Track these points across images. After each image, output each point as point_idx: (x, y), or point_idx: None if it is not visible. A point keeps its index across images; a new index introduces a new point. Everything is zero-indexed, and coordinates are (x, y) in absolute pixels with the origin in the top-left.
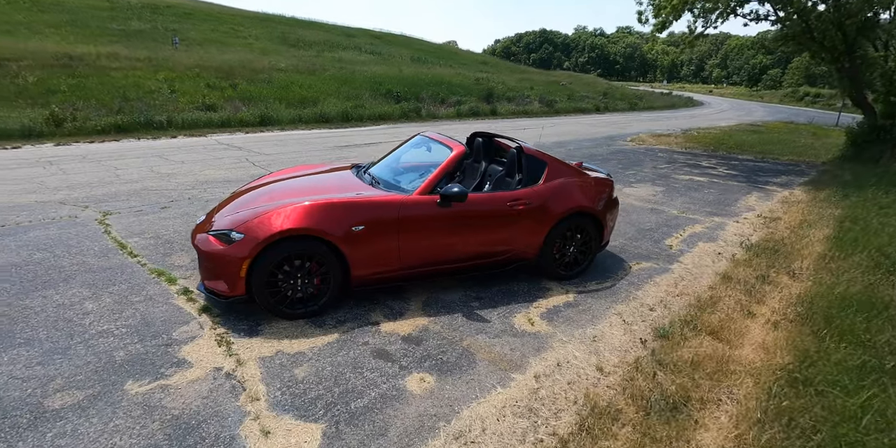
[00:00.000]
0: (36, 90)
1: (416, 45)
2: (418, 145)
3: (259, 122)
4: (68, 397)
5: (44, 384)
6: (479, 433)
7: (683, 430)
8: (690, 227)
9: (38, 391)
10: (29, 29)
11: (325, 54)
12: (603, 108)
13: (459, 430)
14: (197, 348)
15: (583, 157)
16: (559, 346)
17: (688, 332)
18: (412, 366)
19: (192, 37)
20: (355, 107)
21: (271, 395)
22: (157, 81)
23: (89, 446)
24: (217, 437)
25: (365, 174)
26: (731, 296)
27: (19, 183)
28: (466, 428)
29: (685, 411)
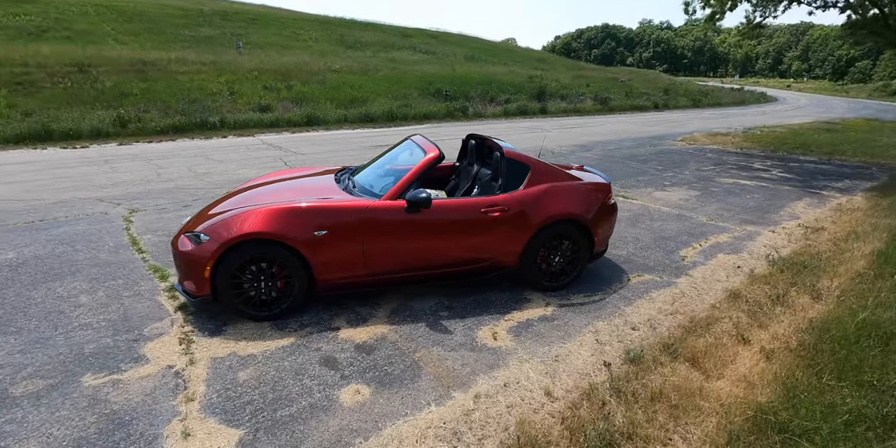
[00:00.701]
0: (111, 94)
1: (471, 43)
2: (404, 149)
3: (306, 122)
4: (31, 386)
5: (16, 372)
6: None
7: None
8: (715, 237)
9: (7, 378)
10: (115, 39)
11: (380, 55)
12: (662, 105)
13: None
14: (159, 345)
15: (620, 158)
16: (515, 365)
17: (664, 357)
18: (354, 376)
19: (256, 41)
20: (401, 106)
21: (207, 396)
22: (218, 84)
23: (29, 434)
24: (142, 435)
25: (349, 178)
26: (732, 317)
27: (72, 180)
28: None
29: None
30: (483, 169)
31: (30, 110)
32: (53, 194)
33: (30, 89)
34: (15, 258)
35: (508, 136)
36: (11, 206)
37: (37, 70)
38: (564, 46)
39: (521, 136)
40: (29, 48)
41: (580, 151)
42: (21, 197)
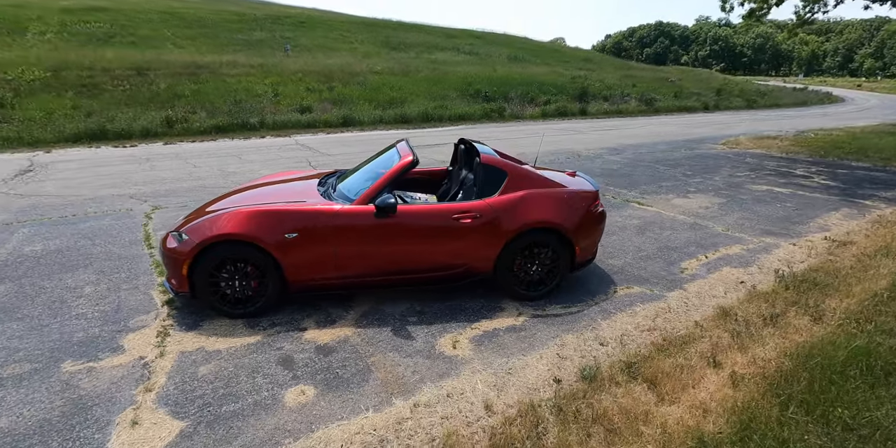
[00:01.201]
0: (165, 95)
1: (516, 43)
2: (389, 155)
3: (342, 123)
4: (18, 369)
5: (9, 355)
6: None
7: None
8: (726, 248)
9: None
10: (174, 43)
11: (423, 56)
12: (713, 106)
13: None
14: (138, 337)
15: (649, 162)
16: (466, 375)
17: (621, 376)
18: (305, 377)
19: (304, 43)
20: (438, 107)
21: (165, 388)
22: (264, 86)
23: (3, 412)
24: (96, 421)
25: (334, 182)
26: (713, 337)
27: (112, 178)
28: None
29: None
30: (469, 174)
31: (91, 111)
32: (91, 190)
33: (93, 91)
34: (40, 250)
35: (538, 138)
36: (53, 201)
37: (101, 73)
38: (615, 46)
39: (554, 138)
40: (96, 53)
41: (609, 154)
42: (63, 193)
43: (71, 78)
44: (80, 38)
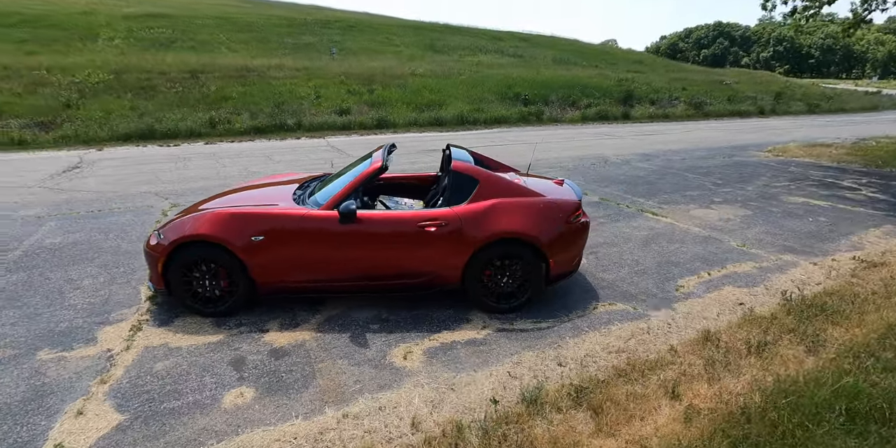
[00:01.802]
0: (214, 97)
1: (564, 45)
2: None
3: (376, 125)
4: (0, 354)
5: None
6: None
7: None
8: (735, 265)
9: None
10: (228, 48)
11: (466, 58)
12: (769, 110)
13: None
14: (113, 330)
15: (680, 170)
16: (407, 389)
17: (566, 401)
18: (250, 379)
19: (350, 47)
20: (475, 110)
21: (119, 381)
22: (307, 88)
23: None
24: (48, 408)
25: (316, 186)
26: (683, 364)
27: (146, 175)
28: None
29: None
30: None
31: (145, 112)
32: (124, 187)
33: (150, 93)
34: (59, 243)
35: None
36: (87, 196)
37: (158, 76)
38: (670, 47)
39: (586, 143)
40: (156, 57)
41: (639, 161)
42: (98, 189)
43: (131, 80)
44: (144, 43)
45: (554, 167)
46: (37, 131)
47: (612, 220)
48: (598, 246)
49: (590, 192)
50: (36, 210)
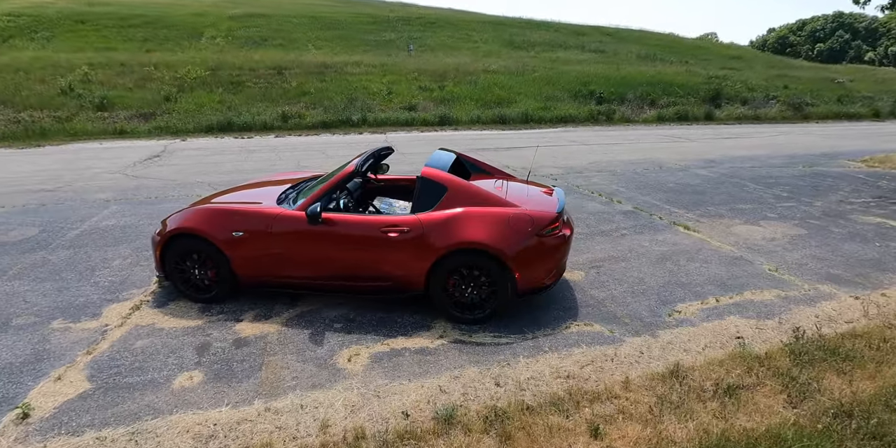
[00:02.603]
0: (294, 92)
1: (652, 40)
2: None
3: (438, 122)
4: (25, 320)
5: (27, 308)
6: (153, 436)
7: None
8: (755, 292)
9: (19, 311)
10: (314, 45)
11: (543, 54)
12: (887, 113)
13: (143, 429)
14: (117, 308)
15: (742, 179)
16: (336, 391)
17: (480, 424)
18: (205, 364)
19: (429, 43)
20: (542, 108)
21: (101, 354)
22: (380, 84)
23: None
24: (38, 372)
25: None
26: (630, 401)
27: (210, 166)
28: (150, 428)
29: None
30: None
31: (232, 105)
32: (185, 176)
33: (238, 88)
34: (111, 225)
35: (629, 145)
36: (154, 183)
37: (247, 72)
38: (779, 41)
39: (651, 146)
40: (248, 55)
41: (700, 167)
42: (166, 177)
43: (224, 76)
44: (241, 42)
45: (602, 171)
46: (137, 122)
47: (634, 233)
48: (605, 260)
49: (625, 200)
50: (107, 194)
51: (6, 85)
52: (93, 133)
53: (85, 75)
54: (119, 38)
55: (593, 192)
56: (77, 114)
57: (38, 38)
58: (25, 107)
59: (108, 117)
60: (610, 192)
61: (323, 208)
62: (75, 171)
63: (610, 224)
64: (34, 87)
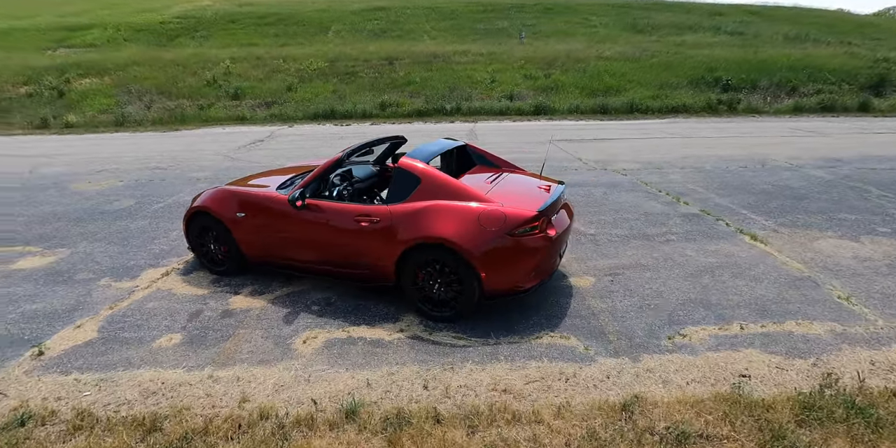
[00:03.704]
0: (400, 82)
1: (809, 18)
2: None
3: (533, 112)
4: (83, 276)
5: (92, 267)
6: (113, 385)
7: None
8: (798, 324)
9: (85, 269)
10: (429, 35)
11: (668, 38)
12: None
13: (110, 378)
14: (152, 272)
15: (866, 184)
16: (277, 370)
17: (378, 424)
18: (189, 329)
19: (543, 30)
20: (651, 97)
21: (119, 311)
22: (484, 73)
23: (39, 299)
24: (68, 318)
25: None
26: (549, 432)
27: (296, 151)
28: (115, 378)
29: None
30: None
31: (343, 94)
32: (272, 160)
33: (350, 78)
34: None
35: (738, 140)
36: (245, 165)
37: (362, 63)
38: None
39: (772, 140)
40: (363, 47)
41: (817, 167)
42: (258, 160)
43: (340, 67)
44: (362, 34)
45: (687, 167)
46: (259, 109)
47: (683, 239)
48: (629, 267)
49: (695, 201)
50: (203, 173)
51: (167, 77)
52: (222, 119)
53: (227, 69)
54: (259, 35)
55: (661, 190)
56: (215, 102)
57: (197, 37)
58: (178, 96)
59: (238, 105)
60: (681, 192)
61: (315, 195)
62: (191, 152)
63: (659, 227)
64: (187, 80)
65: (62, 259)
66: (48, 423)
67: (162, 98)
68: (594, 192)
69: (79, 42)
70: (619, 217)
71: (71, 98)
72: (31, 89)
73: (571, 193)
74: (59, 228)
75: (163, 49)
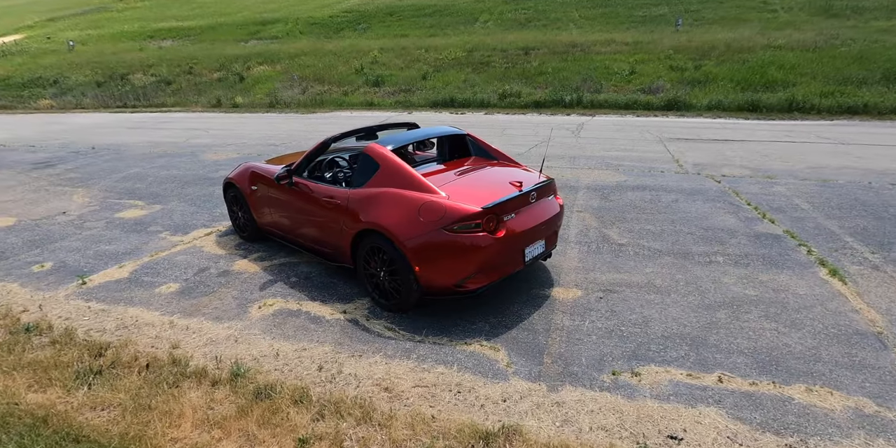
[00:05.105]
0: (533, 72)
1: None
2: None
3: (664, 106)
4: (153, 228)
5: (164, 221)
6: (105, 315)
7: None
8: (808, 391)
9: (159, 222)
10: (575, 24)
11: (873, 23)
12: None
13: (108, 310)
14: (201, 231)
15: None
16: (221, 328)
17: (243, 391)
18: (189, 281)
19: (706, 16)
20: (823, 94)
21: (154, 259)
22: (624, 64)
23: (116, 240)
24: (119, 259)
25: None
26: (376, 440)
27: None
28: (111, 310)
29: None
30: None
31: (472, 83)
32: None
33: (484, 68)
34: None
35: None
36: None
37: (498, 53)
38: None
39: None
40: (504, 37)
41: None
42: None
43: (476, 57)
44: (507, 24)
45: (808, 179)
46: (389, 97)
47: (730, 263)
48: (637, 287)
49: (787, 220)
50: None
51: (324, 66)
52: (355, 104)
53: (374, 58)
54: (413, 26)
55: (751, 203)
56: (357, 89)
57: (358, 29)
58: (329, 83)
59: (377, 92)
60: (777, 207)
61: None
62: (308, 133)
63: (710, 246)
64: (339, 68)
65: (151, 213)
66: (42, 335)
67: (316, 84)
68: (662, 199)
69: (266, 35)
70: (670, 228)
71: (247, 83)
72: (221, 75)
73: (636, 197)
74: (169, 189)
75: (328, 40)
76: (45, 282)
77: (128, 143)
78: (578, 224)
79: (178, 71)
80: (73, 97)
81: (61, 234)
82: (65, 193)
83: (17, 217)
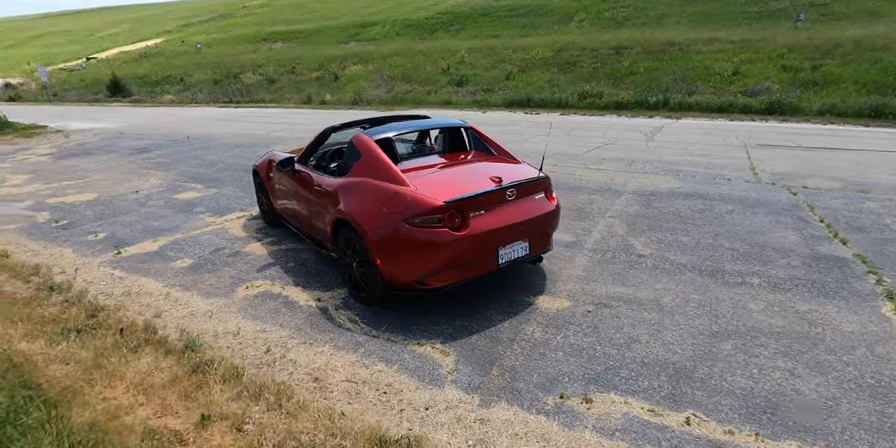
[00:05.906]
0: (623, 72)
1: None
2: None
3: (764, 110)
4: (199, 208)
5: (211, 204)
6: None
7: None
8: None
9: (204, 203)
10: (677, 21)
11: None
12: None
13: (123, 276)
14: (235, 215)
15: None
16: (204, 304)
17: (194, 363)
18: (201, 258)
19: (837, 10)
20: None
21: (185, 236)
22: (727, 63)
23: (165, 218)
24: (158, 234)
25: None
26: (273, 426)
27: None
28: (125, 277)
29: None
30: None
31: (556, 83)
32: None
33: (571, 68)
34: None
35: None
36: None
37: (588, 53)
38: None
39: None
40: (597, 36)
41: None
42: None
43: (564, 57)
44: (604, 23)
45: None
46: (469, 96)
47: (766, 287)
48: (637, 303)
49: (864, 241)
50: None
51: (413, 66)
52: (432, 103)
53: (461, 58)
54: (506, 27)
55: (825, 219)
56: (440, 89)
57: (451, 30)
58: (415, 82)
59: (459, 92)
60: (856, 227)
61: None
62: None
63: (751, 265)
64: (427, 68)
65: (203, 196)
66: (61, 294)
67: (402, 83)
68: (715, 209)
69: (365, 37)
70: (708, 242)
71: (340, 81)
72: (319, 74)
73: (683, 206)
74: (230, 176)
75: (421, 41)
76: (91, 249)
77: (219, 133)
78: (603, 231)
79: (283, 70)
80: (190, 93)
81: (125, 209)
82: (147, 175)
83: (99, 193)
